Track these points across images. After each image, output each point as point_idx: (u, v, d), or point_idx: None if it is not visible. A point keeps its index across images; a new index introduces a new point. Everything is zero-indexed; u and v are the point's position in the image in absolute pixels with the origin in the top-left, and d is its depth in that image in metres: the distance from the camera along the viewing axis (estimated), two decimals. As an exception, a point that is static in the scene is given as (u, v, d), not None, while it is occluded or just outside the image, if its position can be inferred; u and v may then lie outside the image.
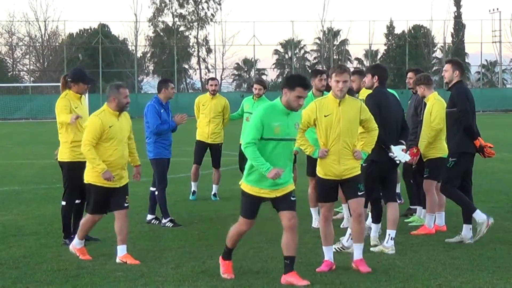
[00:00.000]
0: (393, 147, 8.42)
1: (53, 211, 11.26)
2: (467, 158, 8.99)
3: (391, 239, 8.52)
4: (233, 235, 7.44)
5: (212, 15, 75.62)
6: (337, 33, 76.82)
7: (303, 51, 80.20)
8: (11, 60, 73.23)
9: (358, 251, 7.72)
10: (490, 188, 13.88)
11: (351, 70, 8.67)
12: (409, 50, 71.29)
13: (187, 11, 75.92)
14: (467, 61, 75.26)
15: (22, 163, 21.28)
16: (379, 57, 75.47)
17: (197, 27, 75.39)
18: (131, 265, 7.95)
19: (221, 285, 7.13)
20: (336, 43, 77.05)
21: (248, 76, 78.20)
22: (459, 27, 76.40)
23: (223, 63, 74.06)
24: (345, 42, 76.92)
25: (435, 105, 9.83)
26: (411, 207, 10.99)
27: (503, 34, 73.44)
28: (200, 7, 75.67)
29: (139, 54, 74.20)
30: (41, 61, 72.03)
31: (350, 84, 7.98)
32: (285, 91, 7.10)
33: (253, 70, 74.95)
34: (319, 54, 77.18)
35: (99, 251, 8.72)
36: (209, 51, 75.32)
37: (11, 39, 71.44)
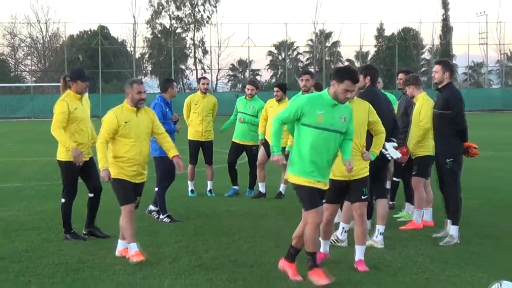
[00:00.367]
0: (385, 143, 8.43)
1: (54, 207, 11.28)
2: (460, 157, 9.04)
3: (380, 234, 8.66)
4: (310, 234, 6.98)
5: (208, 17, 75.80)
6: (329, 35, 77.02)
7: (296, 53, 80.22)
8: (13, 60, 73.29)
9: (359, 252, 7.68)
10: (476, 185, 13.95)
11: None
12: (399, 51, 71.70)
13: (184, 13, 75.97)
14: (454, 62, 75.33)
15: (24, 160, 21.27)
16: (369, 59, 75.01)
17: (193, 29, 75.55)
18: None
19: (217, 277, 7.22)
20: (328, 44, 77.11)
21: (242, 76, 77.93)
22: (447, 30, 76.53)
23: (218, 64, 74.61)
24: (336, 43, 77.25)
25: (424, 105, 9.85)
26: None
27: (489, 36, 73.73)
28: (196, 9, 75.70)
29: (138, 55, 74.50)
30: (42, 61, 72.04)
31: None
32: (333, 83, 6.98)
33: (248, 70, 74.77)
34: (311, 55, 77.23)
35: (99, 245, 8.83)
36: (205, 52, 75.66)
37: (13, 40, 71.71)
